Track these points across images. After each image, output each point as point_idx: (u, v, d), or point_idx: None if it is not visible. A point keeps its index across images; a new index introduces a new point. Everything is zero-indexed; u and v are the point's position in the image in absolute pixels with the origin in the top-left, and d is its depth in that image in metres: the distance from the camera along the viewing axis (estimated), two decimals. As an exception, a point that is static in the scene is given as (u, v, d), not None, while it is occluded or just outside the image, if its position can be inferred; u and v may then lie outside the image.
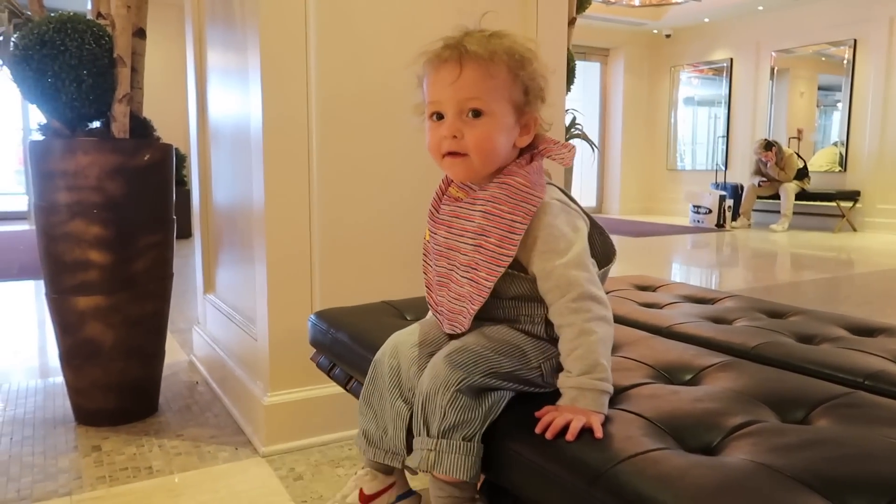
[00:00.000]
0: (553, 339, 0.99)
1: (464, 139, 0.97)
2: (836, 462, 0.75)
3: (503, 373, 0.95)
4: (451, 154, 0.98)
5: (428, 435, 0.93)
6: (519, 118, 0.98)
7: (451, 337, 1.06)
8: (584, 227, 1.00)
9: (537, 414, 0.90)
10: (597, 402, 0.90)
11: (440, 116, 0.99)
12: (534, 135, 1.00)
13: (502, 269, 0.95)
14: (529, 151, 1.01)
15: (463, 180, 1.03)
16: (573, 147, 1.02)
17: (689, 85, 10.05)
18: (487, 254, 0.96)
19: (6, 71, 1.81)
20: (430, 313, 1.14)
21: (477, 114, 0.96)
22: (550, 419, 0.87)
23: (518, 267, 0.98)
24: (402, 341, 1.07)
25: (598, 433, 0.84)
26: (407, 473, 1.12)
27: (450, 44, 0.98)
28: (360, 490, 1.11)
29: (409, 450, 1.02)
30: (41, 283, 1.87)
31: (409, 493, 1.16)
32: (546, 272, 0.95)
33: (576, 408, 0.89)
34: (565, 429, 0.85)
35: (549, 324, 1.00)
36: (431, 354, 1.02)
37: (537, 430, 0.87)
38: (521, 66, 0.96)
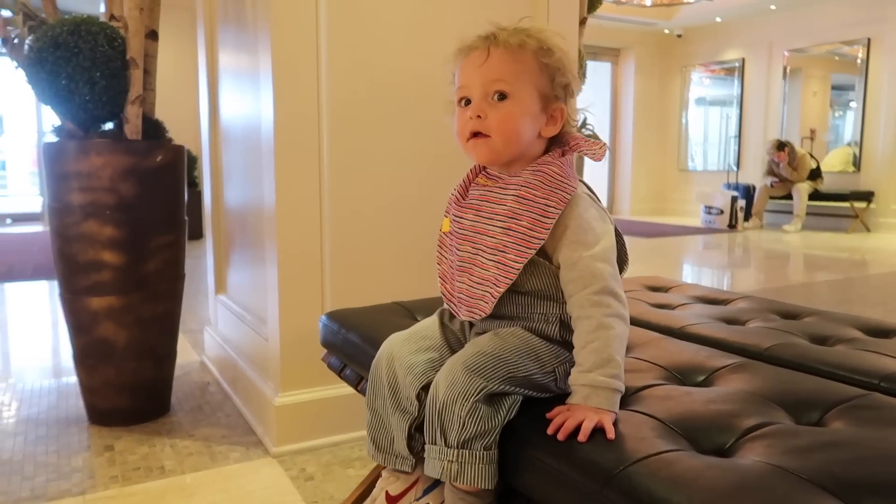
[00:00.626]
0: (567, 343, 0.98)
1: (487, 119, 0.98)
2: (851, 464, 0.74)
3: (520, 377, 0.95)
4: (475, 135, 1.00)
5: (446, 444, 0.92)
6: (545, 107, 0.99)
7: (450, 344, 1.06)
8: (611, 225, 1.01)
9: (549, 415, 0.90)
10: (609, 401, 0.89)
11: (468, 102, 1.01)
12: (560, 126, 1.01)
13: (532, 252, 0.95)
14: (560, 147, 1.02)
15: (485, 162, 1.05)
16: (604, 144, 1.02)
17: (701, 85, 10.00)
18: (517, 236, 0.96)
19: (21, 73, 1.82)
20: (429, 319, 1.13)
21: (502, 97, 0.98)
22: (562, 420, 0.87)
23: (543, 255, 0.98)
24: (398, 350, 1.06)
25: (611, 434, 0.84)
26: None
27: (481, 35, 1.01)
28: (386, 492, 1.11)
29: (413, 452, 1.03)
30: (55, 284, 1.89)
31: (435, 483, 1.15)
32: (572, 262, 0.95)
33: (587, 407, 0.88)
34: (577, 429, 0.85)
35: (563, 325, 1.00)
36: (428, 363, 1.02)
37: (549, 430, 0.87)
38: (548, 57, 0.98)
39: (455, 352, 1.05)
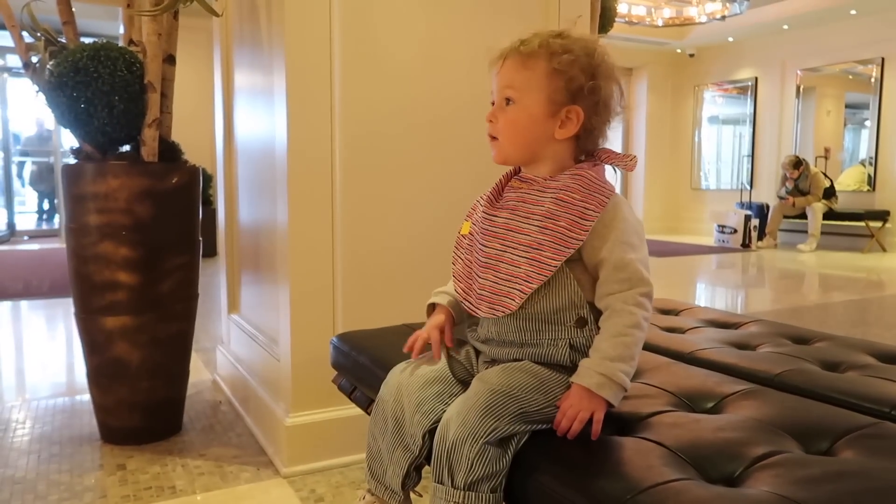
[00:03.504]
0: (576, 367, 0.99)
1: (498, 124, 1.05)
2: (861, 496, 0.74)
3: (532, 412, 0.95)
4: (490, 137, 1.06)
5: (453, 485, 0.92)
6: (555, 111, 1.01)
7: (457, 377, 1.06)
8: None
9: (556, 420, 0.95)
10: (616, 397, 0.94)
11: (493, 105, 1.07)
12: (577, 128, 1.02)
13: (569, 252, 0.97)
14: (592, 160, 1.05)
15: (498, 162, 1.08)
16: (635, 157, 1.05)
17: (714, 104, 10.00)
18: (555, 235, 0.98)
19: (42, 96, 1.86)
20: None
21: (510, 102, 1.04)
22: (568, 424, 0.93)
23: (575, 257, 0.99)
24: (406, 384, 1.07)
25: (597, 435, 0.91)
26: (414, 496, 1.12)
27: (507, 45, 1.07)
28: None
29: (404, 489, 1.05)
30: (70, 301, 1.91)
31: None
32: (623, 262, 0.97)
33: (591, 395, 0.93)
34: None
35: (572, 348, 1.00)
36: (435, 397, 1.03)
37: (560, 432, 0.93)
38: (563, 61, 1.00)
39: (461, 382, 1.06)
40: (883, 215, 7.52)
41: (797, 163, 7.72)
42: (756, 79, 9.12)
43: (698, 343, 1.42)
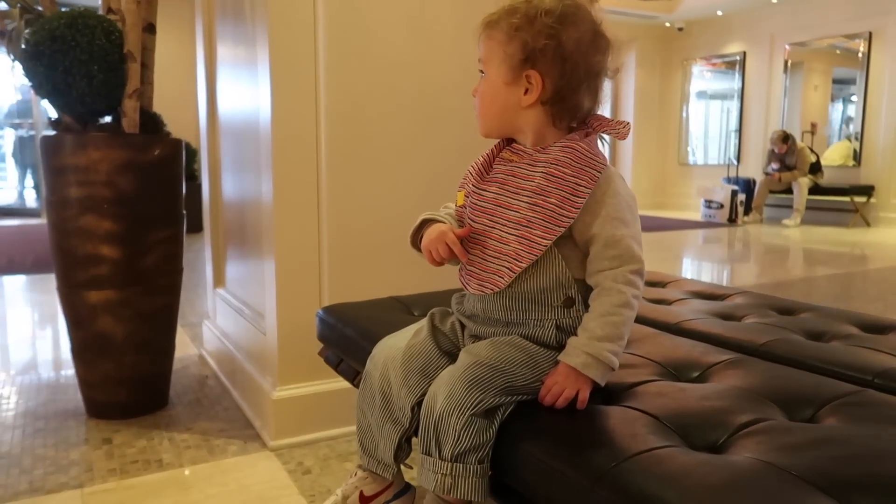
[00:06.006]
0: (562, 347, 0.98)
1: (476, 97, 1.05)
2: (843, 461, 0.74)
3: (518, 386, 0.95)
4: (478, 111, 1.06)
5: (440, 457, 0.92)
6: (517, 77, 0.99)
7: (442, 349, 1.05)
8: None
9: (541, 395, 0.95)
10: (602, 376, 0.93)
11: None
12: (538, 93, 0.98)
13: (560, 230, 0.95)
14: (584, 128, 1.01)
15: (482, 135, 1.07)
16: (628, 123, 1.02)
17: (702, 78, 9.98)
18: (545, 213, 0.95)
19: (18, 66, 1.82)
20: (420, 323, 1.13)
21: (483, 74, 1.04)
22: (552, 400, 0.92)
23: (566, 233, 0.97)
24: (391, 358, 1.06)
25: (583, 405, 0.92)
26: (404, 467, 1.13)
27: None
28: (360, 492, 1.13)
29: (397, 461, 1.06)
30: (54, 277, 1.89)
31: (406, 489, 1.17)
32: (614, 239, 0.95)
33: (577, 374, 0.93)
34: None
35: (559, 329, 0.99)
36: (421, 370, 1.03)
37: (546, 402, 0.93)
38: (520, 23, 0.97)
39: (447, 354, 1.06)
40: (868, 190, 7.58)
41: (785, 137, 7.74)
42: (744, 53, 9.10)
43: (684, 314, 1.42)
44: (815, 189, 7.68)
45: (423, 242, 1.05)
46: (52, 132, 1.86)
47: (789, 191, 7.77)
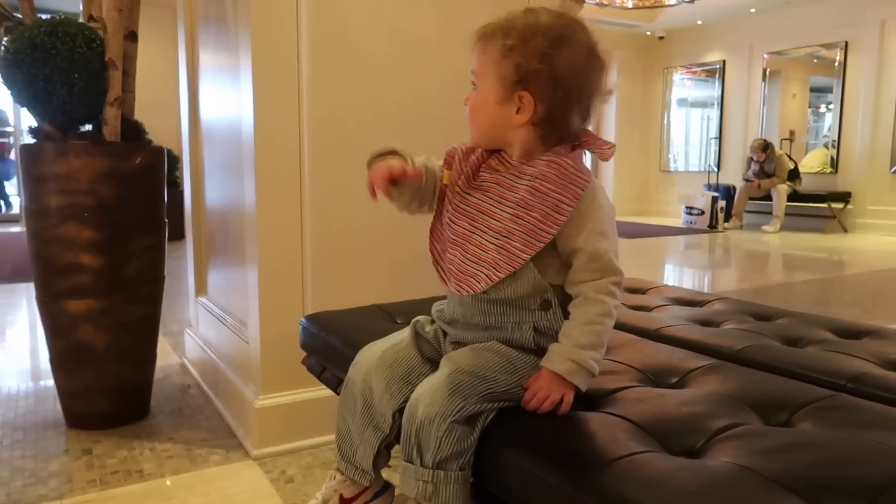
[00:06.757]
0: (541, 349, 0.99)
1: (468, 107, 1.05)
2: (816, 465, 0.76)
3: (498, 392, 0.96)
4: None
5: (422, 464, 0.93)
6: (509, 96, 0.99)
7: (424, 356, 1.06)
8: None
9: (526, 394, 0.96)
10: (585, 382, 0.96)
11: None
12: (529, 115, 0.98)
13: (540, 245, 0.96)
14: (570, 142, 1.02)
15: (472, 145, 1.08)
16: (613, 145, 1.03)
17: (682, 86, 10.09)
18: (526, 226, 0.97)
19: (-3, 74, 1.80)
20: (404, 331, 1.14)
21: (475, 86, 1.04)
22: (538, 404, 0.94)
23: (549, 244, 0.97)
24: (374, 364, 1.07)
25: (567, 408, 0.94)
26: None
27: None
28: (340, 495, 1.13)
29: (376, 468, 1.07)
30: (32, 286, 1.87)
31: (385, 488, 1.17)
32: (598, 253, 0.97)
33: (555, 379, 0.94)
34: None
35: (537, 331, 1.01)
36: (403, 377, 1.03)
37: (530, 407, 0.94)
38: (517, 46, 0.97)
39: (429, 361, 1.06)
40: (845, 197, 7.70)
41: (765, 146, 7.85)
42: (724, 62, 9.22)
43: (664, 320, 1.44)
44: (793, 196, 7.78)
45: (371, 170, 1.05)
46: (31, 140, 1.84)
47: (768, 197, 7.87)
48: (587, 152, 1.04)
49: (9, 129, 8.48)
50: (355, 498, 1.13)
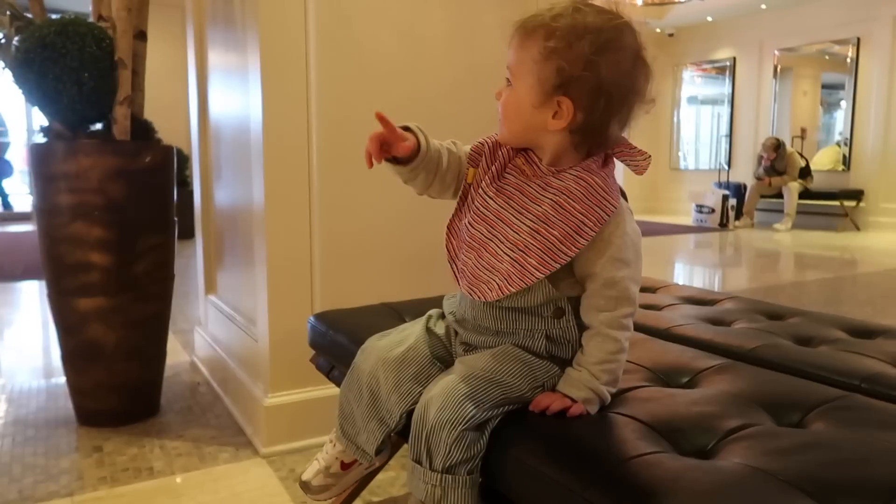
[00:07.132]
0: (553, 357, 0.98)
1: (500, 102, 1.00)
2: (830, 466, 0.75)
3: (513, 398, 0.95)
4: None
5: (431, 468, 0.91)
6: (547, 100, 0.93)
7: (435, 355, 1.05)
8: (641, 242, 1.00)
9: (537, 402, 0.94)
10: (596, 409, 0.94)
11: None
12: (567, 121, 0.93)
13: (556, 266, 0.92)
14: (604, 151, 0.99)
15: (501, 142, 1.03)
16: (650, 156, 0.99)
17: (693, 84, 10.03)
18: (545, 243, 0.93)
19: (8, 73, 1.81)
20: (415, 323, 1.13)
21: (509, 83, 0.98)
22: (547, 403, 0.93)
23: (566, 265, 0.94)
24: (383, 360, 1.05)
25: (575, 413, 0.92)
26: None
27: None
28: (341, 461, 1.15)
29: (378, 454, 1.06)
30: (45, 284, 1.88)
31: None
32: (614, 281, 0.93)
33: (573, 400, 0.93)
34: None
35: (549, 339, 0.99)
36: (413, 377, 1.02)
37: (536, 409, 0.93)
38: (558, 45, 0.91)
39: (439, 360, 1.05)
40: (857, 194, 7.63)
41: (777, 145, 7.79)
42: (734, 59, 9.16)
43: (674, 319, 1.43)
44: (805, 194, 7.73)
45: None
46: (42, 139, 1.85)
47: (780, 195, 7.81)
48: (621, 162, 1.00)
49: (2, 128, 8.57)
50: (353, 461, 1.15)
